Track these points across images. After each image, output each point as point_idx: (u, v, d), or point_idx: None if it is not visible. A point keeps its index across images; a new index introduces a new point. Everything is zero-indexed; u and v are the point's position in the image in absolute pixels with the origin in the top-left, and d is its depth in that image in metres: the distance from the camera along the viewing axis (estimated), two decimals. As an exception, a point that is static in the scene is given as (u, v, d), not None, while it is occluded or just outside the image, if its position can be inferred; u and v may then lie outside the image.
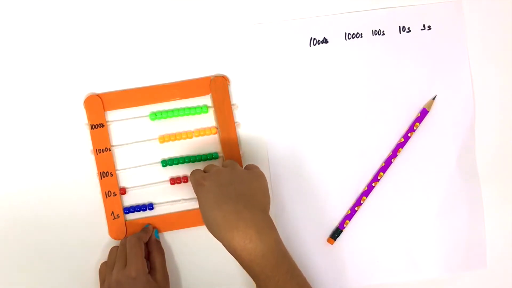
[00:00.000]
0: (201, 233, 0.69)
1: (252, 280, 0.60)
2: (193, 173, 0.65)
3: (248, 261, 0.58)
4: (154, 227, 0.70)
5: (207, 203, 0.60)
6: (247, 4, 0.70)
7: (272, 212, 0.70)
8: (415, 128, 0.71)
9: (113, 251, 0.68)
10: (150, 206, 0.70)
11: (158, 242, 0.69)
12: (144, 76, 0.70)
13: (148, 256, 0.68)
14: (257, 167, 0.65)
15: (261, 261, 0.57)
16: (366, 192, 0.71)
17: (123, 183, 0.70)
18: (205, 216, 0.60)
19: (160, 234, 0.70)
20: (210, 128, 0.70)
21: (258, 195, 0.62)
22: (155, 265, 0.67)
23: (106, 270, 0.67)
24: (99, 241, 0.70)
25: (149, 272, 0.66)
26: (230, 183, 0.61)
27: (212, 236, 0.60)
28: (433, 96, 0.72)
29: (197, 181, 0.62)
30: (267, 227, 0.59)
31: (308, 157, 0.71)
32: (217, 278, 0.70)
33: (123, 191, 0.70)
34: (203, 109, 0.70)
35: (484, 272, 0.73)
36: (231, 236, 0.58)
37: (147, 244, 0.68)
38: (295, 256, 0.70)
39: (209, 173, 0.63)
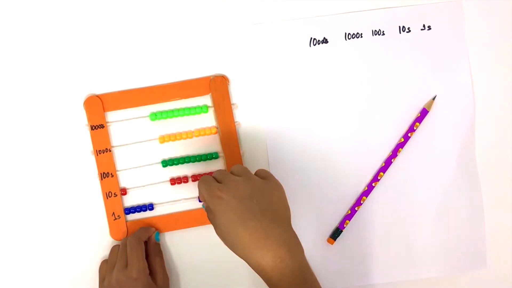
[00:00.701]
0: (201, 234, 0.70)
1: (251, 280, 0.60)
2: (205, 181, 0.60)
3: (278, 280, 0.55)
4: (155, 229, 0.70)
5: (228, 219, 0.56)
6: (247, 4, 0.70)
7: (272, 213, 0.71)
8: (415, 128, 0.71)
9: (114, 250, 0.68)
10: (151, 207, 0.70)
11: (158, 245, 0.69)
12: (144, 76, 0.70)
13: (147, 259, 0.67)
14: (272, 175, 0.61)
15: (291, 279, 0.55)
16: (366, 192, 0.71)
17: (123, 183, 0.70)
18: (227, 234, 0.56)
19: (160, 237, 0.70)
20: (210, 128, 0.70)
21: (281, 208, 0.58)
22: (154, 268, 0.67)
23: (106, 269, 0.67)
24: (100, 241, 0.70)
25: (149, 274, 0.66)
26: (251, 197, 0.57)
27: (232, 252, 0.57)
28: (433, 96, 0.71)
29: (212, 192, 0.58)
30: (296, 244, 0.57)
31: (308, 157, 0.71)
32: (217, 279, 0.70)
33: (123, 191, 0.70)
34: (203, 109, 0.70)
35: (484, 272, 0.73)
36: (261, 256, 0.54)
37: (146, 246, 0.68)
38: (295, 256, 0.71)
39: (225, 185, 0.58)
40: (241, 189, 0.57)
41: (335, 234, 0.71)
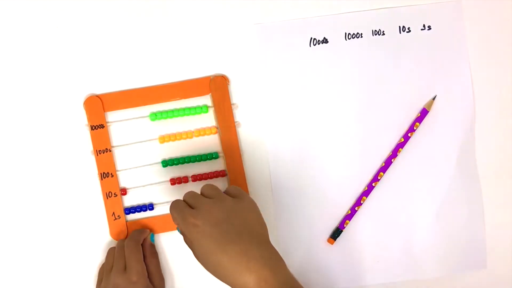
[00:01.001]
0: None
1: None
2: (177, 208, 0.58)
3: None
4: (150, 230, 0.70)
5: (207, 247, 0.54)
6: (247, 4, 0.70)
7: (272, 212, 0.71)
8: (415, 128, 0.71)
9: (111, 253, 0.68)
10: (151, 207, 0.70)
11: (153, 246, 0.69)
12: (144, 76, 0.70)
13: (143, 260, 0.67)
14: (244, 193, 0.60)
15: None
16: (366, 192, 0.71)
17: (123, 183, 0.70)
18: (207, 261, 0.55)
19: (156, 236, 0.70)
20: (210, 128, 0.70)
21: (257, 227, 0.57)
22: (150, 269, 0.67)
23: (103, 272, 0.67)
24: (100, 242, 0.70)
25: (147, 277, 0.66)
26: (226, 219, 0.55)
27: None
28: (433, 96, 0.71)
29: (186, 219, 0.56)
30: (278, 262, 0.55)
31: (308, 157, 0.71)
32: (213, 281, 0.70)
33: (123, 191, 0.70)
34: (203, 109, 0.70)
35: (484, 272, 0.73)
36: (244, 281, 0.52)
37: (142, 248, 0.68)
38: (295, 256, 0.71)
39: (198, 210, 0.56)
40: (215, 213, 0.56)
41: (335, 234, 0.71)
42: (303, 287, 0.56)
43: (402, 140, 0.71)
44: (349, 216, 0.71)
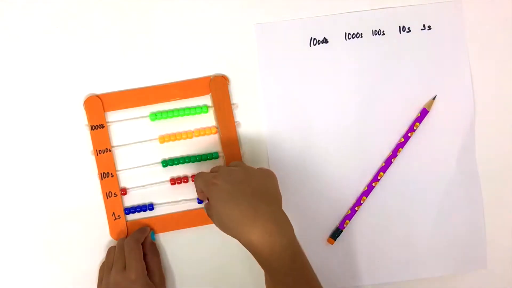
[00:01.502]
0: (198, 233, 0.70)
1: (249, 280, 0.60)
2: (199, 175, 0.64)
3: (268, 256, 0.57)
4: (151, 229, 0.70)
5: (222, 200, 0.59)
6: (247, 4, 0.70)
7: (272, 212, 0.71)
8: (415, 128, 0.71)
9: (111, 252, 0.69)
10: (151, 207, 0.70)
11: (153, 244, 0.69)
12: (144, 76, 0.70)
13: (144, 258, 0.67)
14: (267, 168, 0.65)
15: (280, 254, 0.57)
16: (366, 192, 0.71)
17: (123, 183, 0.70)
18: (220, 213, 0.59)
19: (156, 236, 0.70)
20: (210, 128, 0.70)
21: (272, 191, 0.61)
22: (151, 267, 0.67)
23: (104, 271, 0.67)
24: (100, 242, 0.70)
25: (147, 275, 0.66)
26: (244, 181, 0.60)
27: (225, 234, 0.59)
28: (433, 96, 0.71)
29: (208, 181, 0.61)
30: (285, 221, 0.59)
31: (308, 156, 0.71)
32: (214, 279, 0.71)
33: (123, 191, 0.70)
34: (203, 109, 0.70)
35: (484, 272, 0.73)
36: (250, 231, 0.57)
37: (143, 246, 0.68)
38: (296, 256, 0.71)
39: (220, 172, 0.62)
40: (235, 175, 0.61)
41: (335, 234, 0.71)
42: (305, 255, 0.59)
43: (402, 140, 0.71)
44: (349, 216, 0.71)
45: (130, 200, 0.70)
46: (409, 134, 0.71)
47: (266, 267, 0.58)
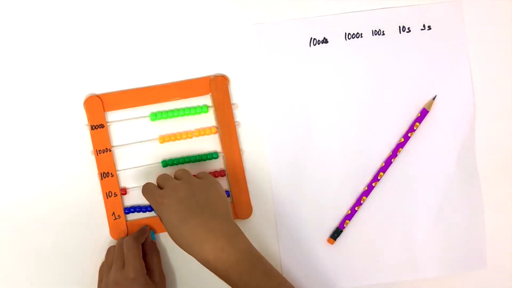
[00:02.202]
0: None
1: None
2: (147, 189, 0.64)
3: (224, 271, 0.58)
4: (151, 228, 0.70)
5: (172, 221, 0.59)
6: (247, 4, 0.70)
7: (272, 212, 0.71)
8: (415, 128, 0.71)
9: (111, 251, 0.68)
10: (151, 207, 0.70)
11: (154, 243, 0.69)
12: (144, 76, 0.70)
13: (144, 257, 0.67)
14: (209, 175, 0.66)
15: (236, 268, 0.57)
16: (366, 192, 0.71)
17: (123, 183, 0.70)
18: (173, 234, 0.60)
19: (156, 235, 0.70)
20: (210, 128, 0.70)
21: (219, 203, 0.62)
22: (151, 267, 0.67)
23: (103, 270, 0.67)
24: (100, 241, 0.70)
25: (146, 273, 0.65)
26: (190, 197, 0.60)
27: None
28: (433, 96, 0.71)
29: (156, 200, 0.62)
30: (236, 234, 0.60)
31: (308, 156, 0.71)
32: (213, 278, 0.70)
33: (123, 191, 0.70)
34: (203, 109, 0.70)
35: (484, 272, 0.73)
36: (203, 250, 0.58)
37: (143, 245, 0.68)
38: (295, 256, 0.71)
39: (166, 190, 0.62)
40: (180, 192, 0.61)
41: (335, 234, 0.71)
42: (262, 256, 0.60)
43: (402, 140, 0.71)
44: (349, 216, 0.71)
45: (130, 200, 0.70)
46: (409, 134, 0.71)
47: (227, 282, 0.59)
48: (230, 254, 0.57)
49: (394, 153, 0.71)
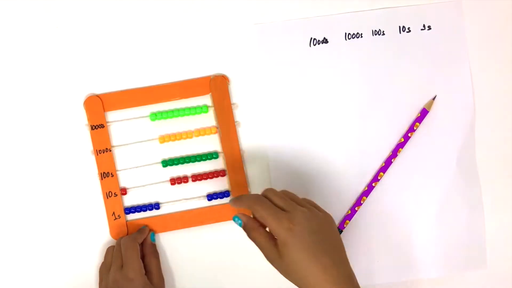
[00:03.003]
0: (198, 234, 0.70)
1: (247, 280, 0.59)
2: (267, 207, 0.58)
3: None
4: (150, 230, 0.70)
5: (301, 254, 0.55)
6: (247, 4, 0.70)
7: (272, 212, 0.71)
8: (415, 128, 0.71)
9: (110, 251, 0.68)
10: (151, 207, 0.70)
11: (153, 245, 0.69)
12: (144, 76, 0.70)
13: (143, 259, 0.67)
14: (320, 207, 0.61)
15: None
16: (366, 192, 0.71)
17: (123, 183, 0.70)
18: (297, 268, 0.55)
19: (156, 236, 0.70)
20: (210, 128, 0.70)
21: (340, 243, 0.58)
22: (150, 268, 0.67)
23: (103, 271, 0.67)
24: (100, 241, 0.70)
25: (145, 275, 0.65)
26: (319, 231, 0.56)
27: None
28: (433, 96, 0.72)
29: (282, 223, 0.56)
30: (357, 283, 0.56)
31: (308, 156, 0.71)
32: (213, 280, 0.70)
33: (123, 191, 0.70)
34: (203, 109, 0.70)
35: (484, 272, 0.73)
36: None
37: (142, 247, 0.68)
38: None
39: (294, 215, 0.56)
40: (311, 221, 0.57)
41: (335, 234, 0.71)
42: None
43: (402, 140, 0.71)
44: (349, 216, 0.71)
45: (130, 200, 0.70)
46: (409, 134, 0.71)
47: None
48: None
49: (394, 153, 0.71)
